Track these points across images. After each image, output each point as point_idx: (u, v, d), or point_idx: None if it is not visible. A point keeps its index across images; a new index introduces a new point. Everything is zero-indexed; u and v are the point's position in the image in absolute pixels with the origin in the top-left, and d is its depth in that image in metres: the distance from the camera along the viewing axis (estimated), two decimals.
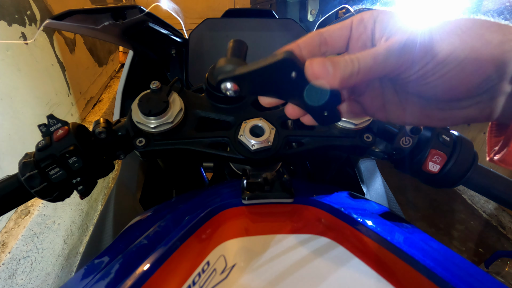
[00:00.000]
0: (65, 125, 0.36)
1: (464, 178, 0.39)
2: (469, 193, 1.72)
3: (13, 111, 1.20)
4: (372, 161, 0.66)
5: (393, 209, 0.53)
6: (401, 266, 0.24)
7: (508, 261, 1.17)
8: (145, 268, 0.24)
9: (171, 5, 0.74)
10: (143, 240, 0.30)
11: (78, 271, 0.32)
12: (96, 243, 0.47)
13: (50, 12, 1.67)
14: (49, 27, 0.74)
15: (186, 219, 0.30)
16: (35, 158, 0.33)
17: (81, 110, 1.90)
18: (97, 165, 0.37)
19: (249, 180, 0.32)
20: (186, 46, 0.69)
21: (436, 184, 0.41)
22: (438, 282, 0.23)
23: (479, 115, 0.20)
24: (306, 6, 2.07)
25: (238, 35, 0.69)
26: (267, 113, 0.41)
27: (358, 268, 0.23)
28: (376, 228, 0.28)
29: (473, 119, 0.21)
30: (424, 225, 1.54)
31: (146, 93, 0.39)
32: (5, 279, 0.95)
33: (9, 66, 1.23)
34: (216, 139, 0.40)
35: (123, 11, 0.58)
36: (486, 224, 1.56)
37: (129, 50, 0.73)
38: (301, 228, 0.27)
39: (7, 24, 1.25)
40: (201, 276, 0.23)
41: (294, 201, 0.31)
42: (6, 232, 1.06)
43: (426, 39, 0.19)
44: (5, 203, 0.34)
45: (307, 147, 0.40)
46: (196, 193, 0.39)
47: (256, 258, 0.24)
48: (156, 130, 0.38)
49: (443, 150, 0.39)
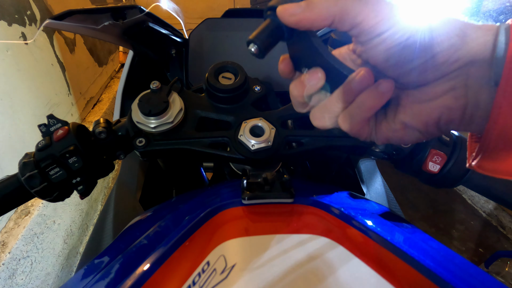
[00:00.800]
0: (65, 125, 0.36)
1: (464, 178, 0.39)
2: (469, 193, 1.72)
3: (13, 111, 1.20)
4: (372, 161, 0.66)
5: (393, 209, 0.53)
6: (401, 266, 0.24)
7: (508, 261, 1.17)
8: (145, 268, 0.24)
9: (171, 5, 0.74)
10: (143, 240, 0.30)
11: (78, 271, 0.32)
12: (96, 243, 0.47)
13: (50, 12, 1.67)
14: (49, 27, 0.74)
15: (186, 219, 0.30)
16: (35, 158, 0.33)
17: (81, 110, 1.90)
18: (97, 165, 0.37)
19: (249, 180, 0.32)
20: (186, 46, 0.69)
21: (436, 184, 0.41)
22: (438, 282, 0.23)
23: (455, 103, 0.21)
24: None
25: (238, 35, 0.69)
26: (267, 113, 0.41)
27: (358, 268, 0.23)
28: (376, 228, 0.28)
29: (449, 107, 0.21)
30: (424, 225, 1.54)
31: (146, 93, 0.39)
32: (5, 279, 0.95)
33: (9, 66, 1.23)
34: (216, 139, 0.40)
35: (123, 11, 0.58)
36: (486, 224, 1.56)
37: (129, 50, 0.73)
38: (301, 228, 0.27)
39: (7, 24, 1.25)
40: (201, 276, 0.23)
41: (294, 201, 0.31)
42: (6, 232, 1.06)
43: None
44: (5, 203, 0.34)
45: (307, 147, 0.40)
46: (196, 193, 0.39)
47: (256, 258, 0.24)
48: (156, 130, 0.38)
49: (443, 150, 0.39)
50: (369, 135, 0.25)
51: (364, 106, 0.22)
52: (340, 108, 0.23)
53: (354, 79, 0.21)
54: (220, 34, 0.69)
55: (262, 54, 0.23)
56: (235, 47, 0.67)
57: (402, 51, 0.20)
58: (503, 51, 0.18)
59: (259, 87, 0.45)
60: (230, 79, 0.43)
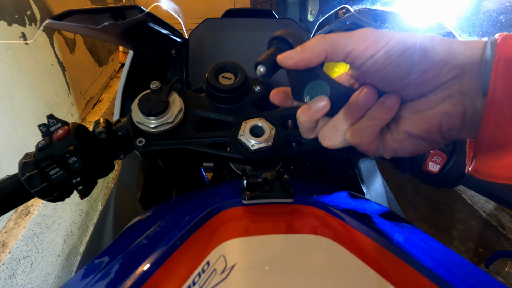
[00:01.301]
0: (65, 125, 0.36)
1: (464, 178, 0.39)
2: (469, 193, 1.72)
3: (13, 111, 1.20)
4: (372, 161, 0.66)
5: (393, 209, 0.53)
6: (401, 266, 0.24)
7: (508, 261, 1.17)
8: (145, 268, 0.24)
9: (171, 5, 0.74)
10: (143, 240, 0.30)
11: (78, 271, 0.32)
12: (96, 243, 0.47)
13: (50, 12, 1.67)
14: (49, 27, 0.74)
15: (186, 219, 0.30)
16: (35, 158, 0.33)
17: (81, 110, 1.90)
18: (97, 165, 0.37)
19: (249, 180, 0.32)
20: (186, 46, 0.69)
21: (436, 184, 0.41)
22: (438, 282, 0.23)
23: (453, 109, 0.22)
24: (306, 6, 2.06)
25: (238, 35, 0.69)
26: (267, 113, 0.41)
27: (358, 268, 0.23)
28: (376, 228, 0.28)
29: (448, 114, 0.22)
30: (424, 225, 1.54)
31: (146, 93, 0.39)
32: (5, 279, 0.95)
33: (9, 66, 1.23)
34: (216, 139, 0.40)
35: (123, 11, 0.58)
36: (486, 224, 1.56)
37: (129, 50, 0.73)
38: (301, 228, 0.27)
39: (7, 24, 1.25)
40: (201, 276, 0.23)
41: (294, 201, 0.31)
42: (6, 232, 1.06)
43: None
44: (5, 203, 0.34)
45: (307, 147, 0.40)
46: (196, 193, 0.39)
47: (256, 258, 0.24)
48: (156, 130, 0.38)
49: (443, 150, 0.39)
50: (377, 149, 0.26)
51: (374, 120, 0.24)
52: (348, 124, 0.25)
53: (359, 96, 0.23)
54: (220, 34, 0.69)
55: (269, 75, 0.25)
56: (235, 47, 0.67)
57: (395, 68, 0.22)
58: (490, 64, 0.19)
59: (259, 87, 0.45)
60: (230, 79, 0.43)
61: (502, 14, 0.76)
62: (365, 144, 0.25)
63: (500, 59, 0.19)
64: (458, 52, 0.21)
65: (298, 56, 0.24)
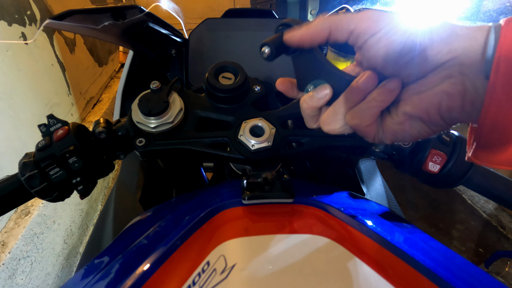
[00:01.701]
0: (65, 125, 0.36)
1: (464, 178, 0.39)
2: (469, 193, 1.72)
3: (13, 111, 1.20)
4: (372, 161, 0.66)
5: (393, 209, 0.53)
6: (401, 266, 0.24)
7: (508, 261, 1.17)
8: (145, 268, 0.24)
9: (171, 5, 0.74)
10: (143, 240, 0.30)
11: (78, 271, 0.32)
12: (96, 243, 0.47)
13: (50, 12, 1.67)
14: (49, 27, 0.74)
15: (186, 219, 0.30)
16: (35, 158, 0.33)
17: (81, 110, 1.90)
18: (97, 165, 0.37)
19: (249, 180, 0.32)
20: (186, 46, 0.69)
21: (436, 184, 0.41)
22: (438, 282, 0.23)
23: (452, 89, 0.22)
24: (306, 6, 2.06)
25: (238, 35, 0.69)
26: (267, 113, 0.41)
27: (358, 268, 0.23)
28: (376, 228, 0.28)
29: (448, 93, 0.22)
30: (424, 225, 1.54)
31: (146, 93, 0.39)
32: (5, 279, 0.95)
33: (9, 66, 1.23)
34: (216, 139, 0.40)
35: (123, 11, 0.58)
36: (486, 224, 1.56)
37: (129, 50, 0.73)
38: (301, 228, 0.27)
39: (7, 24, 1.25)
40: (201, 276, 0.23)
41: (294, 201, 0.31)
42: (6, 232, 1.06)
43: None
44: (5, 203, 0.34)
45: (307, 147, 0.40)
46: (196, 193, 0.39)
47: (256, 258, 0.24)
48: (156, 130, 0.38)
49: (443, 150, 0.39)
50: (377, 133, 0.26)
51: (374, 102, 0.24)
52: (347, 108, 0.26)
53: (360, 80, 0.24)
54: (220, 34, 0.69)
55: (273, 57, 0.26)
56: (235, 47, 0.67)
57: (396, 46, 0.22)
58: (493, 46, 0.20)
59: (259, 87, 0.45)
60: (230, 79, 0.43)
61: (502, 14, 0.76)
62: (364, 126, 0.26)
63: (504, 42, 0.19)
64: (460, 34, 0.21)
65: (302, 32, 0.25)
